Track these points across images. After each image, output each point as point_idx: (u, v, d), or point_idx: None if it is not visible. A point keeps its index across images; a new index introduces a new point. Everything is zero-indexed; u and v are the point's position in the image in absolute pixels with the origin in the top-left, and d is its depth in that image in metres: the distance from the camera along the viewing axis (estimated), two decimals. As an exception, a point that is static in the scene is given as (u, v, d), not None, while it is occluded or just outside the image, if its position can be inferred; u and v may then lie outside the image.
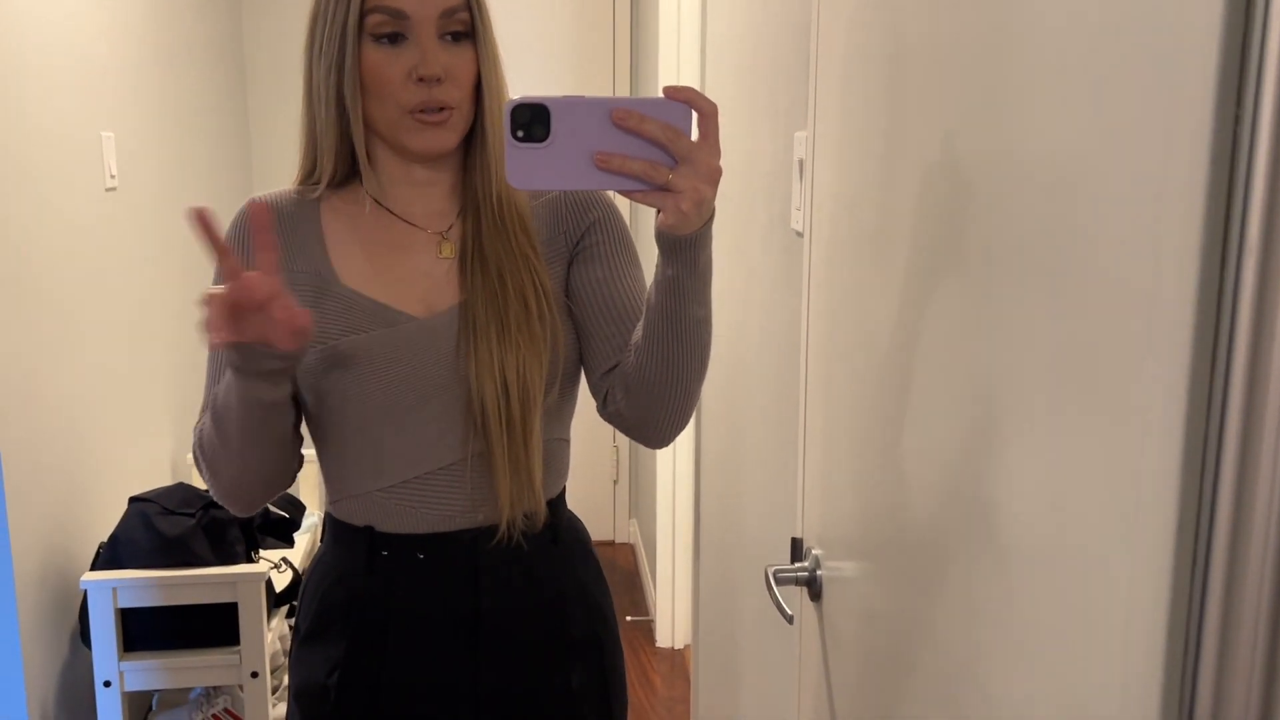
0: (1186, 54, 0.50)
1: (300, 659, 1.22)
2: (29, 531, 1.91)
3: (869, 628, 1.03)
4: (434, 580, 1.16)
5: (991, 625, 0.74)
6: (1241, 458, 0.46)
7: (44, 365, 1.99)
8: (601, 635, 1.25)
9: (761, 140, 1.58)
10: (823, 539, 1.19)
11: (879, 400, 0.99)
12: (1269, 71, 0.44)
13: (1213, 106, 0.48)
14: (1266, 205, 0.44)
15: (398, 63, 1.06)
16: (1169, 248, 0.52)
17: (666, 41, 2.93)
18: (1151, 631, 0.54)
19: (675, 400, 1.09)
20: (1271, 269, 0.44)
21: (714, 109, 0.90)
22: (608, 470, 3.99)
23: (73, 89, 2.15)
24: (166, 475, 2.63)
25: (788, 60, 1.39)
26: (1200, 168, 0.49)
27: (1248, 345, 0.45)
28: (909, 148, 0.89)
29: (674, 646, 3.29)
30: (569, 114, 0.88)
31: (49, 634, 2.01)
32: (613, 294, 1.15)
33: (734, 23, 1.83)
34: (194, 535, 2.09)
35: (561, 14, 3.65)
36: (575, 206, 1.18)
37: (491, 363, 1.09)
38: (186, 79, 2.89)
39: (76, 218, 2.15)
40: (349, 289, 1.12)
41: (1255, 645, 0.46)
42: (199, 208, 0.94)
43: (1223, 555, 0.47)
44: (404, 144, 1.10)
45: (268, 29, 3.49)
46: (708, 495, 2.19)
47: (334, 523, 1.20)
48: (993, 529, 0.74)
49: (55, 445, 2.03)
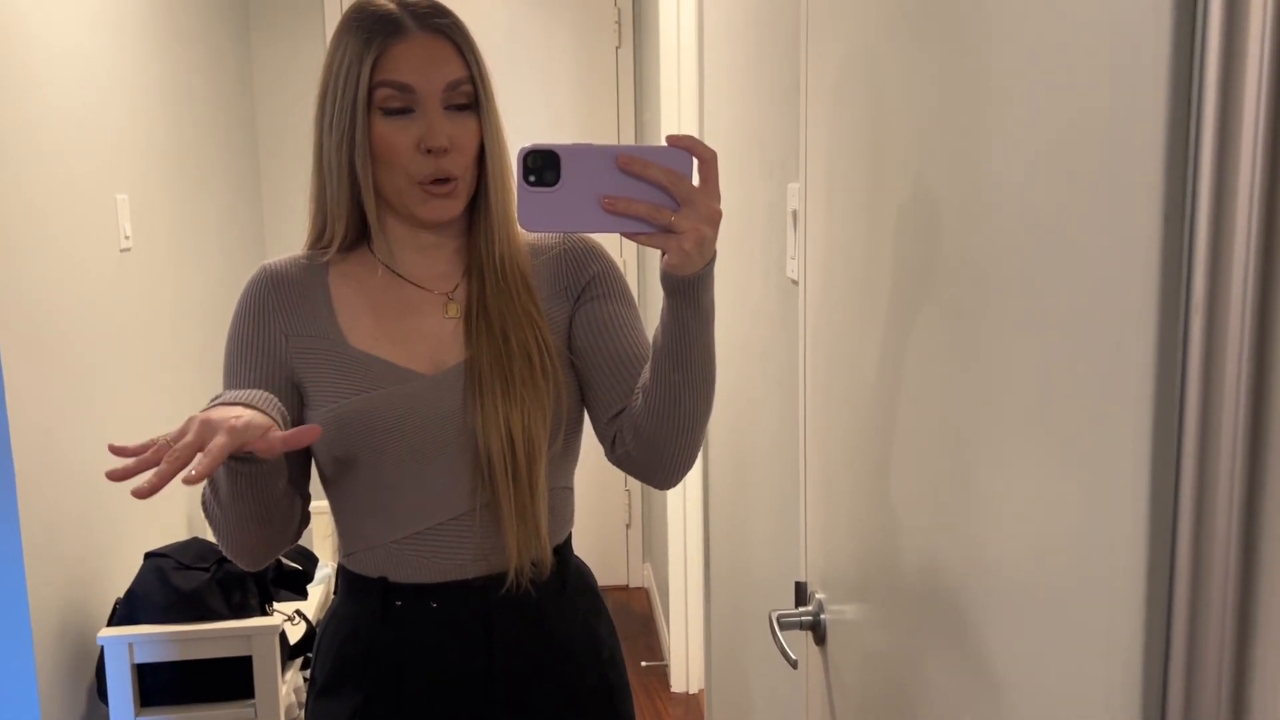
0: (1138, 112, 0.53)
1: (317, 711, 1.24)
2: (47, 588, 1.94)
3: (871, 671, 1.05)
4: (447, 629, 1.18)
5: (986, 667, 0.76)
6: (1198, 505, 0.48)
7: (61, 424, 2.02)
8: (612, 680, 1.28)
9: (757, 191, 1.61)
10: (825, 582, 1.21)
11: (872, 443, 1.01)
12: (1206, 128, 0.47)
13: (1162, 166, 0.51)
14: (1209, 259, 0.47)
15: (405, 134, 1.11)
16: (1129, 298, 0.54)
17: (668, 99, 2.99)
18: (1128, 668, 0.56)
19: (683, 438, 1.12)
20: (1217, 324, 0.47)
21: (713, 155, 0.94)
22: (620, 515, 4.00)
23: (88, 152, 2.21)
24: (182, 530, 2.66)
25: (780, 116, 1.43)
26: (1154, 221, 0.52)
27: (1199, 390, 0.48)
28: (887, 198, 0.93)
29: (689, 691, 3.28)
30: (578, 160, 0.92)
31: (67, 690, 2.02)
32: (615, 343, 1.19)
33: (731, 79, 1.87)
34: (208, 589, 2.11)
35: (568, 74, 3.73)
36: (575, 262, 1.22)
37: (497, 417, 1.13)
38: (199, 141, 2.95)
39: (92, 279, 2.20)
40: (358, 350, 1.16)
41: (1220, 681, 0.49)
42: (112, 446, 0.96)
43: (1184, 596, 0.49)
44: (412, 212, 1.15)
45: (279, 92, 3.57)
46: (717, 539, 2.20)
47: (348, 575, 1.22)
48: (982, 571, 0.76)
49: (73, 502, 2.06)
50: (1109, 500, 0.58)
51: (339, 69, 1.11)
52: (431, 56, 1.11)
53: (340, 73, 1.11)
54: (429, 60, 1.10)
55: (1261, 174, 0.45)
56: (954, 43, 0.78)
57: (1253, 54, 0.45)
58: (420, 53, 1.10)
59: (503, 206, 1.17)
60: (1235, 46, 0.46)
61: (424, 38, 1.11)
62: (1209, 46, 0.47)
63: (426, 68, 1.10)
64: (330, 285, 1.19)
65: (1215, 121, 0.47)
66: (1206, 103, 0.47)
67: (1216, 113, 0.47)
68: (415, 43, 1.10)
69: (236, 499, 1.08)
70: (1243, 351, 0.46)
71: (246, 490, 1.07)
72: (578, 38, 3.73)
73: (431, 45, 1.11)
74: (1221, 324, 0.47)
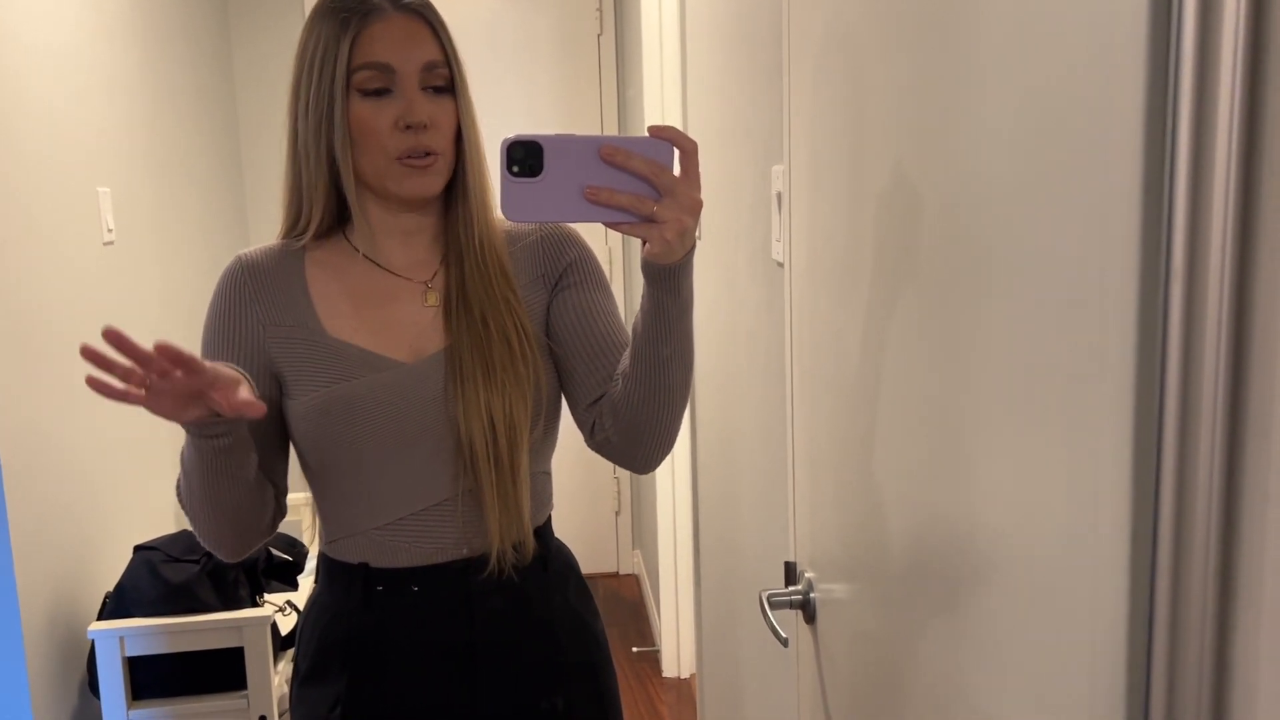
0: (1117, 95, 0.54)
1: (301, 698, 1.24)
2: (37, 582, 1.93)
3: (861, 648, 1.06)
4: (428, 611, 1.19)
5: (973, 641, 0.77)
6: (1179, 481, 0.49)
7: (48, 417, 2.02)
8: (595, 658, 1.29)
9: (743, 173, 1.62)
10: (814, 561, 1.22)
11: (856, 423, 1.02)
12: (1183, 112, 0.48)
13: (1141, 150, 0.52)
14: (1187, 241, 0.48)
15: (384, 113, 1.11)
16: (1109, 277, 0.55)
17: (650, 85, 2.99)
18: (1113, 640, 0.57)
19: (662, 423, 1.13)
20: (1196, 307, 0.47)
21: (694, 146, 0.95)
22: (609, 502, 4.01)
23: (70, 146, 2.20)
24: (171, 523, 2.65)
25: (763, 99, 1.44)
26: (1133, 203, 0.53)
27: (1178, 371, 0.48)
28: (869, 180, 0.93)
29: (680, 676, 3.30)
30: (561, 151, 0.93)
31: (57, 684, 2.02)
32: (592, 329, 1.20)
33: (714, 63, 1.87)
34: (198, 581, 2.11)
35: (550, 61, 3.71)
36: (552, 249, 1.23)
37: (479, 404, 1.13)
38: (179, 133, 2.94)
39: (76, 272, 2.19)
40: (336, 339, 1.16)
41: (1202, 650, 0.49)
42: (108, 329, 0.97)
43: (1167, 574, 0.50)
44: (392, 190, 1.14)
45: (259, 83, 3.55)
46: (706, 523, 2.21)
47: (329, 562, 1.23)
48: (967, 547, 0.77)
49: (61, 496, 2.06)
50: (1090, 477, 0.58)
51: (314, 53, 1.11)
52: (409, 36, 1.11)
53: (316, 56, 1.11)
54: (406, 40, 1.11)
55: (1237, 153, 0.46)
56: (935, 25, 0.78)
57: (1228, 29, 0.46)
58: (397, 33, 1.11)
59: (479, 191, 1.18)
60: (1211, 24, 0.46)
61: (400, 18, 1.11)
62: (1185, 29, 0.47)
63: (404, 48, 1.10)
64: (307, 274, 1.19)
65: (1191, 105, 0.48)
66: (1183, 86, 0.48)
67: (1193, 97, 0.48)
68: (392, 23, 1.11)
69: (207, 482, 1.08)
70: (1220, 335, 0.47)
71: (217, 467, 1.07)
72: (559, 25, 3.72)
73: (408, 25, 1.11)
74: (1200, 309, 0.48)
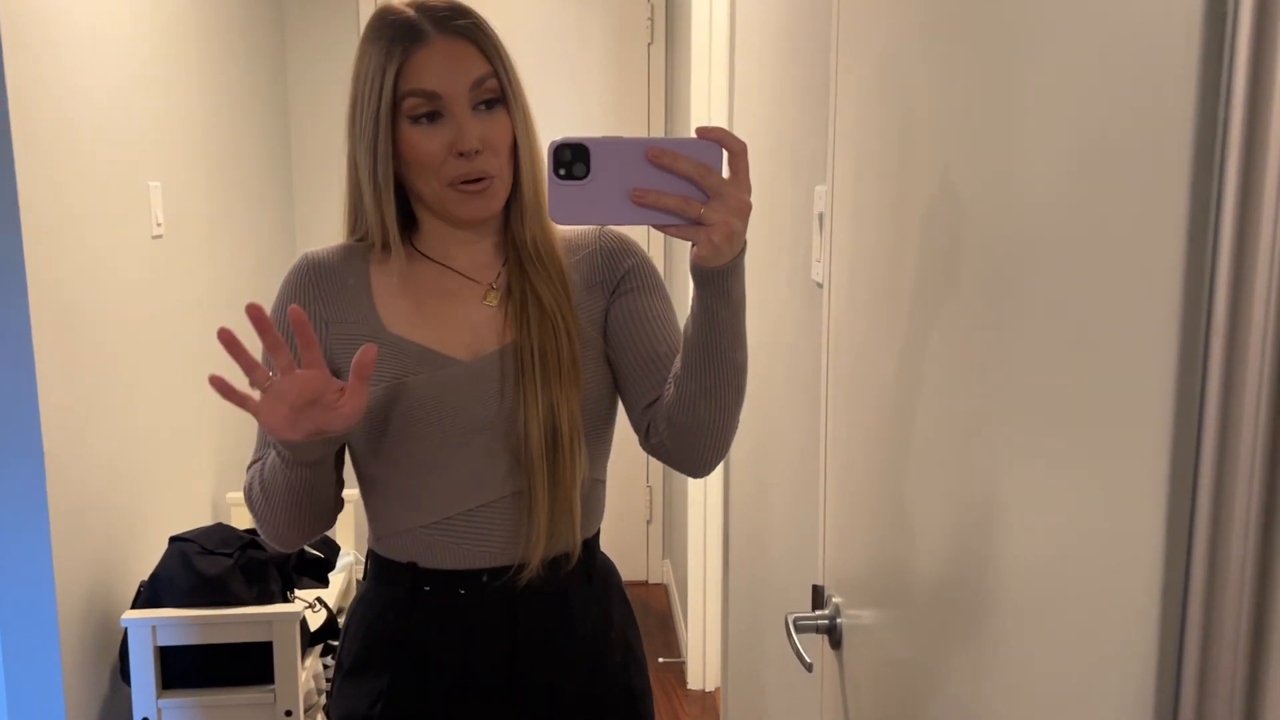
0: (1166, 122, 0.53)
1: (343, 692, 1.25)
2: (73, 570, 1.96)
3: (887, 677, 1.05)
4: (472, 619, 1.19)
5: (1001, 675, 0.76)
6: (1214, 522, 0.48)
7: (91, 408, 2.05)
8: (635, 684, 1.29)
9: (784, 193, 1.61)
10: (842, 586, 1.21)
11: (892, 449, 1.01)
12: (1233, 138, 0.47)
13: (1189, 176, 0.51)
14: (1232, 269, 0.47)
15: (436, 139, 1.12)
16: (1153, 309, 0.54)
17: (698, 96, 2.99)
18: (1142, 676, 0.56)
19: (716, 427, 1.12)
20: (1239, 337, 0.46)
21: (743, 147, 0.93)
22: (641, 511, 4.01)
23: (121, 140, 2.23)
24: (207, 515, 2.69)
25: (808, 118, 1.43)
26: (1179, 231, 0.52)
27: (1218, 405, 0.47)
28: (911, 204, 0.92)
29: (705, 689, 3.28)
30: (608, 153, 0.92)
31: (90, 671, 2.05)
32: (650, 335, 1.20)
33: (761, 79, 1.87)
34: (231, 575, 2.13)
35: (600, 70, 3.73)
36: (610, 256, 1.23)
37: (537, 404, 1.14)
38: (231, 130, 2.98)
39: (124, 265, 2.23)
40: (395, 335, 1.17)
41: (1233, 685, 0.48)
42: (224, 330, 1.00)
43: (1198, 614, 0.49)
44: (450, 214, 1.16)
45: (311, 80, 3.59)
46: (736, 538, 2.20)
47: (377, 560, 1.24)
48: (997, 579, 0.76)
49: (100, 486, 2.09)
50: (1125, 513, 0.57)
51: (364, 80, 1.12)
52: (453, 60, 1.11)
53: (366, 84, 1.12)
54: (451, 64, 1.11)
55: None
56: (985, 50, 0.78)
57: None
58: (441, 58, 1.11)
59: (536, 198, 1.18)
60: (1265, 52, 0.45)
61: (444, 42, 1.11)
62: (1238, 57, 0.47)
63: (450, 72, 1.10)
64: (370, 273, 1.21)
65: (1242, 131, 0.47)
66: (1234, 113, 0.47)
67: (1244, 123, 0.47)
68: (436, 48, 1.11)
69: (293, 498, 1.11)
70: (1264, 366, 0.46)
71: (305, 491, 1.10)
72: (610, 34, 3.73)
73: (452, 48, 1.11)
74: (1243, 337, 0.46)
